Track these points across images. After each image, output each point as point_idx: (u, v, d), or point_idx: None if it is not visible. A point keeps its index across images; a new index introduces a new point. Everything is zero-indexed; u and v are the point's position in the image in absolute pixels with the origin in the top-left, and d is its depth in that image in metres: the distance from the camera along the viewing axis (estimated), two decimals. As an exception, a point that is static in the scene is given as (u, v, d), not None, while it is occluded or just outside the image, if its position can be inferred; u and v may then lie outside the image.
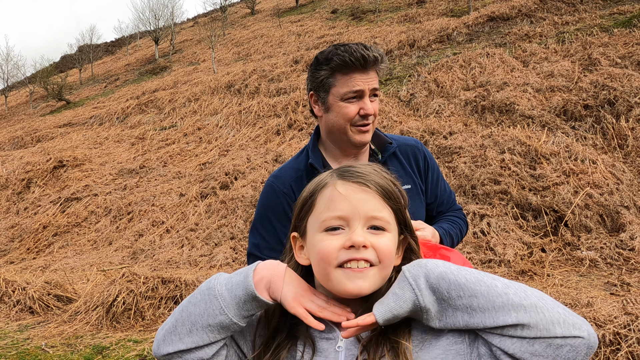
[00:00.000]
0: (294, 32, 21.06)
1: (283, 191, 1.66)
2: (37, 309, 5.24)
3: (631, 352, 2.96)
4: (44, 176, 11.47)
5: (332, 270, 0.97)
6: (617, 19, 10.04)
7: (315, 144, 1.77)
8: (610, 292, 4.14)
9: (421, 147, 1.83)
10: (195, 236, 7.67)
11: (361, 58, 1.57)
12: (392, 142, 1.77)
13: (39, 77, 27.24)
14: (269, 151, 9.79)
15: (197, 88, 15.99)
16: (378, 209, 0.99)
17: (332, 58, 1.62)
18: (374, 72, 1.64)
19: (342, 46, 1.63)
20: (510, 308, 0.89)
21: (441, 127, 8.02)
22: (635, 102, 6.98)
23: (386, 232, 1.00)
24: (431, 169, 1.82)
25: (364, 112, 1.62)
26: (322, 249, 0.98)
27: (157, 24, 29.83)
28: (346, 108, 1.62)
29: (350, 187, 1.00)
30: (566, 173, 5.97)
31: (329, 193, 1.01)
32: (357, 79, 1.60)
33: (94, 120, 16.81)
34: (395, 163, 1.76)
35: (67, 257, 8.21)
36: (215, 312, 0.98)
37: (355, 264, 0.96)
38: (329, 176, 1.06)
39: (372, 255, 0.97)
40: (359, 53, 1.57)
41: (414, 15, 17.50)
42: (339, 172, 1.05)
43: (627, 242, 4.99)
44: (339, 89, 1.63)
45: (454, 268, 0.94)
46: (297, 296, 1.01)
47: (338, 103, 1.64)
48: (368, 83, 1.62)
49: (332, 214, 0.99)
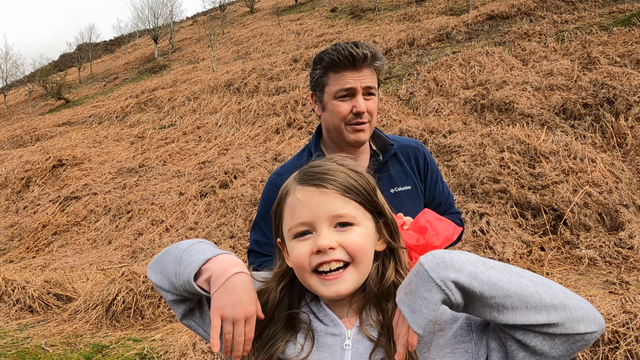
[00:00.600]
0: (293, 31, 21.03)
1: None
2: (37, 307, 5.24)
3: (630, 350, 2.97)
4: (43, 175, 11.46)
5: (308, 276, 0.99)
6: (617, 17, 10.04)
7: (317, 142, 1.79)
8: (609, 291, 4.15)
9: (422, 149, 1.84)
10: (195, 235, 7.68)
11: (349, 55, 1.58)
12: (394, 144, 1.78)
13: (38, 76, 27.20)
14: (269, 150, 9.79)
15: (197, 87, 15.98)
16: (340, 207, 0.98)
17: (323, 57, 1.64)
18: (368, 69, 1.63)
19: (334, 45, 1.64)
20: (542, 308, 0.88)
21: (440, 125, 8.02)
22: (634, 101, 6.99)
23: (354, 226, 0.99)
24: (430, 170, 1.82)
25: (356, 109, 1.62)
26: (294, 257, 1.00)
27: (156, 22, 29.79)
28: (339, 106, 1.63)
29: (308, 191, 1.00)
30: (565, 172, 5.98)
31: (290, 201, 1.02)
32: (348, 77, 1.61)
33: (93, 119, 16.79)
34: (396, 164, 1.77)
35: (67, 256, 8.21)
36: (171, 273, 1.04)
37: (327, 267, 0.97)
38: (291, 181, 1.07)
39: (341, 255, 0.97)
40: (347, 51, 1.58)
41: (413, 14, 17.49)
42: (300, 176, 1.05)
43: (626, 241, 5.00)
44: (331, 87, 1.64)
45: (480, 265, 0.91)
46: (223, 306, 0.98)
47: (332, 102, 1.65)
48: (360, 81, 1.62)
49: (295, 222, 1.00)
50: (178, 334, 4.18)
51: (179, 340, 3.92)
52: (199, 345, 3.73)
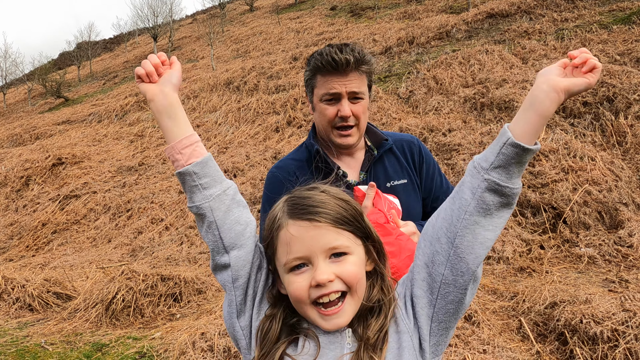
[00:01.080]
0: (293, 29, 21.01)
1: (288, 179, 1.69)
2: (37, 306, 5.24)
3: (629, 348, 2.97)
4: (43, 174, 11.46)
5: (308, 308, 1.01)
6: (616, 15, 10.03)
7: (313, 138, 1.81)
8: (609, 289, 4.15)
9: (417, 142, 1.85)
10: (195, 233, 7.67)
11: (332, 61, 1.58)
12: (388, 139, 1.79)
13: (37, 75, 27.18)
14: (268, 148, 9.78)
15: (196, 85, 15.96)
16: (334, 239, 1.01)
17: (310, 60, 1.66)
18: (355, 73, 1.63)
19: (323, 49, 1.65)
20: None
21: (440, 124, 8.02)
22: (634, 99, 6.98)
23: (348, 255, 1.02)
24: (426, 163, 1.83)
25: (340, 114, 1.64)
26: (292, 291, 1.02)
27: (156, 21, 29.74)
28: (325, 109, 1.66)
29: (301, 226, 1.01)
30: (565, 170, 5.98)
31: (284, 236, 1.03)
32: (333, 82, 1.62)
33: (92, 118, 16.78)
34: (392, 158, 1.78)
35: (67, 254, 8.21)
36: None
37: (326, 298, 0.99)
38: (280, 213, 1.07)
39: (340, 286, 1.00)
40: (330, 56, 1.58)
41: (413, 12, 17.46)
42: (290, 209, 1.06)
43: (625, 239, 5.00)
44: (319, 90, 1.67)
45: None
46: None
47: (319, 104, 1.68)
48: (345, 86, 1.62)
49: (292, 257, 1.01)
50: (178, 332, 4.18)
51: (178, 338, 3.92)
52: (199, 344, 3.73)
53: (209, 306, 4.90)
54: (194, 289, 5.24)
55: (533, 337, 3.49)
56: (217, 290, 5.38)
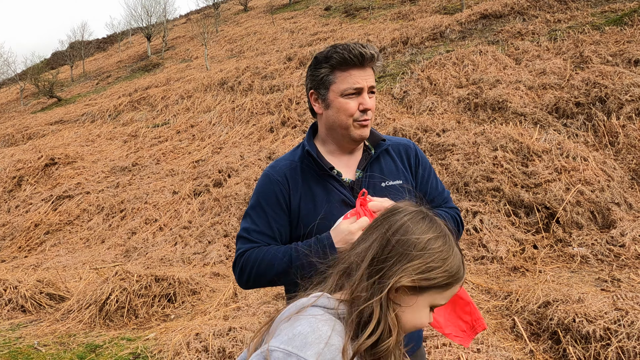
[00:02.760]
0: (287, 29, 21.00)
1: (277, 179, 1.71)
2: (29, 307, 5.21)
3: (621, 347, 3.00)
4: (36, 174, 11.38)
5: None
6: (609, 16, 10.11)
7: (310, 138, 1.83)
8: (601, 288, 4.18)
9: (413, 146, 1.89)
10: (189, 234, 7.65)
11: (359, 55, 1.65)
12: (385, 140, 1.83)
13: (29, 74, 26.99)
14: (263, 148, 9.77)
15: (190, 85, 15.92)
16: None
17: (331, 56, 1.69)
18: (371, 69, 1.71)
19: (340, 45, 1.70)
20: None
21: (434, 124, 8.04)
22: (626, 100, 7.04)
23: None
24: (422, 165, 1.86)
25: (363, 107, 1.69)
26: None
27: (150, 20, 29.63)
28: (347, 104, 1.69)
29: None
30: (558, 170, 6.02)
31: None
32: (356, 76, 1.68)
33: (85, 118, 16.69)
34: (388, 159, 1.81)
35: (60, 255, 8.16)
36: None
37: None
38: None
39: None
40: (357, 50, 1.65)
41: (407, 13, 17.51)
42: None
43: (617, 239, 5.04)
44: (339, 85, 1.69)
45: None
46: None
47: (338, 99, 1.70)
48: (366, 80, 1.69)
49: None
50: (172, 333, 4.17)
51: (172, 339, 3.91)
52: (193, 345, 3.72)
53: (203, 307, 4.89)
54: (188, 290, 5.23)
55: (526, 336, 3.51)
56: (211, 291, 5.37)
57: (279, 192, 1.69)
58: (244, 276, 1.66)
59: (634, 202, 5.61)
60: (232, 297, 5.02)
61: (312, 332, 0.98)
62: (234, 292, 5.10)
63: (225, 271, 6.31)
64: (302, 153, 1.78)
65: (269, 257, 1.62)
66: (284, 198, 1.69)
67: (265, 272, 1.61)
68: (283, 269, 1.58)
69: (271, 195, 1.70)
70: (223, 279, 5.94)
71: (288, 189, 1.69)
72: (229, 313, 4.56)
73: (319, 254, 1.50)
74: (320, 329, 0.99)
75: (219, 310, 4.65)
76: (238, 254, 1.69)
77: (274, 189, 1.70)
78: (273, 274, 1.60)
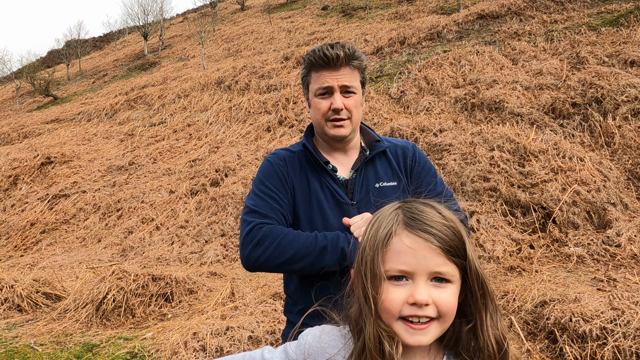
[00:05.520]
0: (284, 29, 20.99)
1: (278, 163, 1.78)
2: (26, 307, 5.19)
3: (617, 346, 3.01)
4: (31, 173, 11.34)
5: (393, 321, 1.00)
6: (605, 17, 10.15)
7: (309, 135, 1.88)
8: (597, 288, 4.20)
9: (412, 147, 1.90)
10: (186, 233, 7.64)
11: (323, 56, 1.69)
12: (381, 140, 1.85)
13: (25, 72, 26.87)
14: (260, 148, 9.76)
15: (187, 84, 15.89)
16: (443, 263, 0.99)
17: (305, 58, 1.78)
18: (347, 68, 1.72)
19: (319, 45, 1.76)
20: None
21: (431, 124, 8.06)
22: (622, 101, 7.07)
23: (450, 283, 1.00)
24: (419, 164, 1.87)
25: (333, 106, 1.72)
26: (388, 301, 1.00)
27: (146, 19, 29.56)
28: (319, 103, 1.75)
29: (416, 241, 1.00)
30: (554, 170, 6.04)
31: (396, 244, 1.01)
32: (325, 76, 1.72)
33: (82, 117, 16.63)
34: (384, 161, 1.83)
35: (56, 254, 8.13)
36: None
37: (416, 319, 0.99)
38: (396, 222, 1.04)
39: (433, 312, 0.99)
40: (322, 52, 1.70)
41: (404, 13, 17.54)
42: (406, 218, 1.04)
43: (613, 239, 5.06)
44: (313, 85, 1.77)
45: None
46: None
47: (314, 99, 1.77)
48: (337, 79, 1.71)
49: (397, 267, 1.00)
50: (169, 332, 4.17)
51: (170, 338, 3.90)
52: (191, 344, 3.72)
53: (200, 306, 4.88)
54: (186, 289, 5.23)
55: (523, 336, 3.53)
56: (208, 291, 5.37)
57: (280, 174, 1.74)
58: (259, 249, 1.58)
59: (630, 202, 5.64)
60: (229, 296, 5.02)
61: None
62: (231, 292, 5.10)
63: (222, 270, 6.30)
64: (300, 147, 1.84)
65: (293, 233, 1.60)
66: (285, 179, 1.73)
67: (286, 248, 1.56)
68: (304, 249, 1.56)
69: (274, 176, 1.74)
70: (220, 279, 5.94)
71: (287, 171, 1.75)
72: (227, 312, 4.56)
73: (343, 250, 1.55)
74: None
75: (217, 309, 4.65)
76: (253, 226, 1.62)
77: (276, 170, 1.76)
78: (294, 250, 1.56)
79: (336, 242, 1.57)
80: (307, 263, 1.55)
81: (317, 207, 1.70)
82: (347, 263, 1.55)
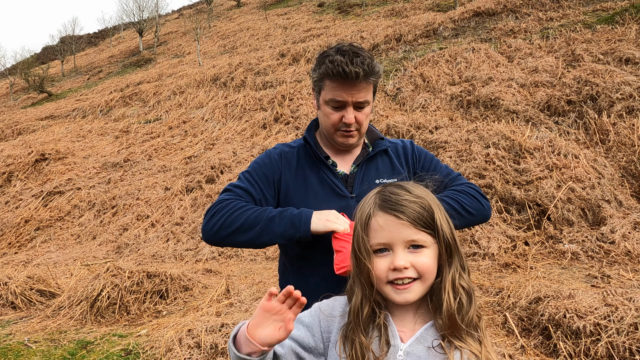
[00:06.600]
0: (281, 25, 20.94)
1: (275, 157, 1.78)
2: (20, 304, 5.16)
3: (611, 342, 3.03)
4: (26, 169, 11.27)
5: (383, 285, 1.20)
6: (600, 15, 10.18)
7: (311, 129, 1.87)
8: (591, 284, 4.22)
9: (410, 144, 1.91)
10: (181, 230, 7.62)
11: (342, 72, 1.61)
12: (384, 138, 1.86)
13: (19, 69, 26.70)
14: (255, 145, 9.74)
15: (182, 81, 15.83)
16: (414, 233, 1.18)
17: (323, 63, 1.67)
18: (363, 84, 1.66)
19: (336, 54, 1.64)
20: None
21: (427, 121, 8.06)
22: (616, 98, 7.10)
23: (425, 248, 1.18)
24: (420, 157, 1.88)
25: (344, 121, 1.69)
26: (375, 269, 1.20)
27: (142, 15, 29.41)
28: (330, 114, 1.71)
29: (387, 219, 1.19)
30: (549, 167, 6.05)
31: (373, 224, 1.21)
32: (341, 90, 1.65)
33: (76, 113, 16.55)
34: (385, 159, 1.83)
35: (50, 251, 8.10)
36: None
37: (400, 281, 1.18)
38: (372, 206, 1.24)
39: (412, 273, 1.18)
40: (341, 68, 1.60)
41: (400, 10, 17.52)
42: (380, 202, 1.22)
43: (607, 236, 5.09)
44: (326, 93, 1.70)
45: None
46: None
47: (324, 106, 1.73)
48: (352, 95, 1.66)
49: (376, 242, 1.20)
50: (164, 329, 4.16)
51: (165, 335, 3.89)
52: (185, 341, 3.71)
53: (195, 303, 4.88)
54: (180, 286, 5.21)
55: (518, 332, 3.54)
56: (203, 287, 5.36)
57: (270, 170, 1.75)
58: (213, 220, 1.61)
59: (624, 200, 5.67)
60: (224, 293, 5.01)
61: None
62: (227, 289, 5.09)
63: (218, 267, 6.29)
64: (301, 142, 1.84)
65: (244, 207, 1.61)
66: (274, 176, 1.74)
67: (236, 218, 1.57)
68: (252, 218, 1.57)
69: (263, 169, 1.76)
70: (215, 276, 5.93)
71: (280, 168, 1.75)
72: (222, 309, 4.55)
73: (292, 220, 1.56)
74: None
75: (212, 306, 4.64)
76: (220, 200, 1.66)
77: (270, 164, 1.77)
78: (243, 219, 1.57)
79: (285, 212, 1.58)
80: (256, 233, 1.56)
81: (314, 200, 1.69)
82: (300, 236, 1.54)
